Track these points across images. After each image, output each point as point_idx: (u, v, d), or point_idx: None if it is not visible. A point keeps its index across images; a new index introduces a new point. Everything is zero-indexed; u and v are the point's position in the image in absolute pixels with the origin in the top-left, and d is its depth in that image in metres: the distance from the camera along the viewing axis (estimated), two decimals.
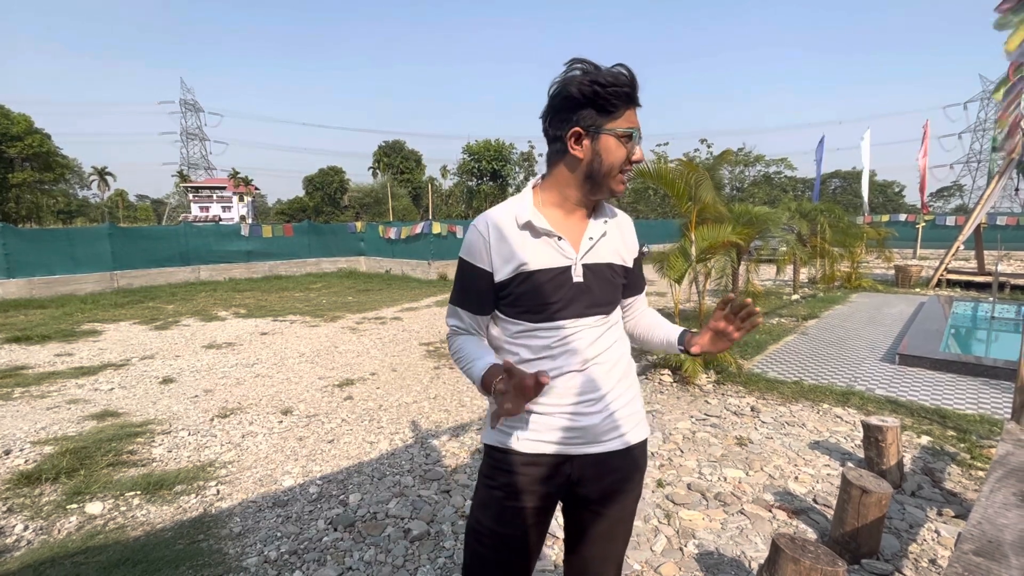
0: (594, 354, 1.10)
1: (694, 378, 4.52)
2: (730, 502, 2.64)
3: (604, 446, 1.11)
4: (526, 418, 1.09)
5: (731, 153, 5.71)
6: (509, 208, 1.11)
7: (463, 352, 1.13)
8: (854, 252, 10.54)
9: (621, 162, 1.05)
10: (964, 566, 1.36)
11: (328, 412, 4.07)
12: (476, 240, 1.09)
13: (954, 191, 53.88)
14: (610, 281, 1.14)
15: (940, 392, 4.18)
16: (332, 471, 3.06)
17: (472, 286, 1.11)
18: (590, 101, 1.00)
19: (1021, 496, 1.78)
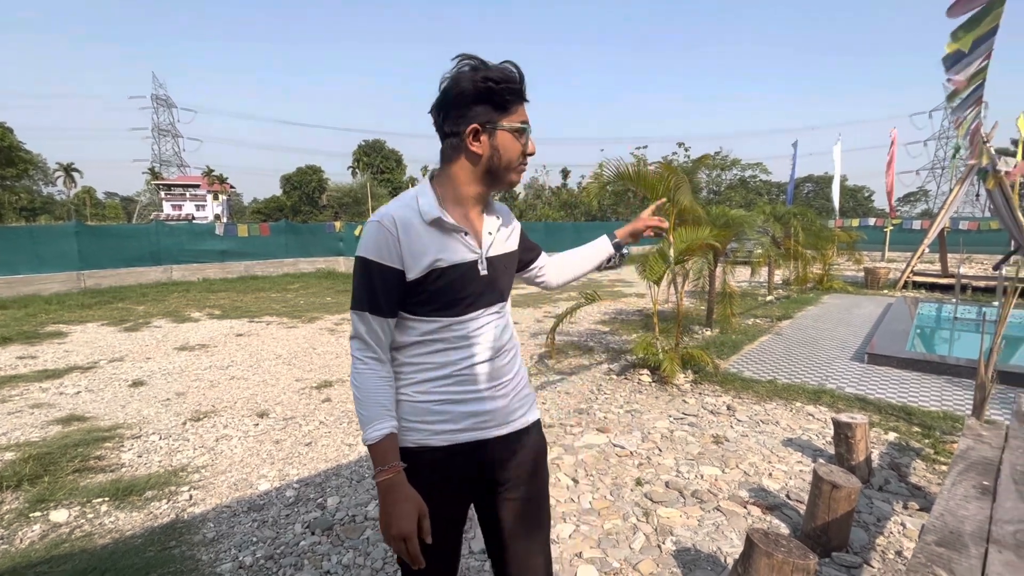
0: (503, 341, 1.16)
1: (672, 378, 4.59)
2: (707, 499, 2.68)
3: (512, 426, 1.17)
4: (443, 410, 1.10)
5: (709, 157, 5.82)
6: (411, 204, 1.08)
7: (365, 394, 1.06)
8: (826, 255, 10.85)
9: (518, 156, 1.09)
10: (927, 556, 1.42)
11: (306, 415, 4.00)
12: (383, 238, 1.04)
13: (920, 196, 55.88)
14: (508, 270, 1.21)
15: (906, 390, 4.33)
16: (310, 474, 3.02)
17: (383, 288, 1.05)
18: (485, 97, 1.03)
19: (981, 489, 1.85)
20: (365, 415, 1.06)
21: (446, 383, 1.10)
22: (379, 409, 1.06)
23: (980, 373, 3.21)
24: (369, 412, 1.05)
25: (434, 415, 1.10)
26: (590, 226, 23.29)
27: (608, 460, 3.16)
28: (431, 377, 1.10)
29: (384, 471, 1.03)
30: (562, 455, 3.22)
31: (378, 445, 1.04)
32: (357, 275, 1.08)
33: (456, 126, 1.06)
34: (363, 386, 1.07)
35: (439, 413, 1.10)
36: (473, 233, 1.12)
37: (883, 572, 2.11)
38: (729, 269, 7.52)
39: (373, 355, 1.09)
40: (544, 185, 36.41)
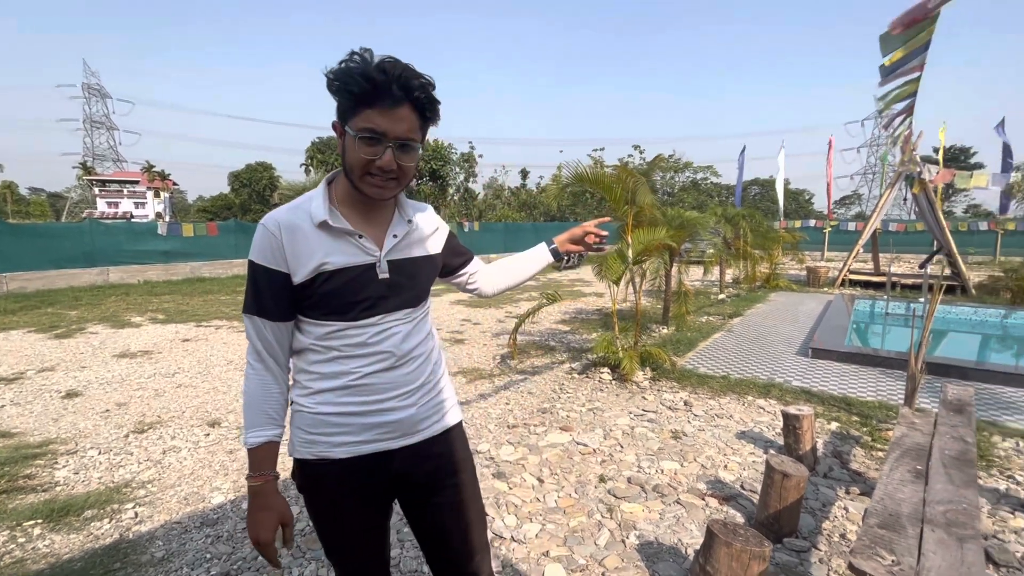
0: (408, 348, 1.11)
1: (632, 375, 4.71)
2: (667, 493, 2.77)
3: (421, 435, 1.14)
4: (342, 422, 1.07)
5: (663, 159, 6.00)
6: (301, 206, 1.06)
7: (249, 399, 1.07)
8: (772, 254, 11.42)
9: (361, 164, 1.00)
10: (871, 538, 1.52)
11: None
12: (267, 241, 1.02)
13: (854, 199, 59.71)
14: (419, 276, 1.15)
15: (846, 382, 4.62)
16: None
17: (268, 291, 1.04)
18: (336, 97, 0.99)
19: (915, 473, 2.01)
20: (247, 419, 1.06)
21: (343, 394, 1.06)
22: (261, 416, 1.06)
23: (911, 365, 3.46)
24: (251, 418, 1.06)
25: (333, 427, 1.07)
26: (550, 226, 23.52)
27: (572, 458, 3.20)
28: (327, 387, 1.07)
29: (254, 477, 1.05)
30: (527, 455, 3.24)
31: (254, 451, 1.06)
32: (248, 279, 1.07)
33: (335, 125, 1.04)
34: (248, 391, 1.07)
35: (338, 425, 1.07)
36: (372, 235, 1.08)
37: (829, 555, 2.24)
38: (683, 269, 7.79)
39: (261, 361, 1.08)
40: (503, 185, 36.51)
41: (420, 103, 0.99)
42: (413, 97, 0.97)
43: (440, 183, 31.12)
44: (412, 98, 0.97)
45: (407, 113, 0.98)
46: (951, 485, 1.87)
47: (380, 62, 0.95)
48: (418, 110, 0.99)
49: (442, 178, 30.82)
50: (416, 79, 0.97)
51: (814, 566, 2.17)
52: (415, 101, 0.98)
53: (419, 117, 1.00)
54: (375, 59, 0.96)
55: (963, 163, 40.01)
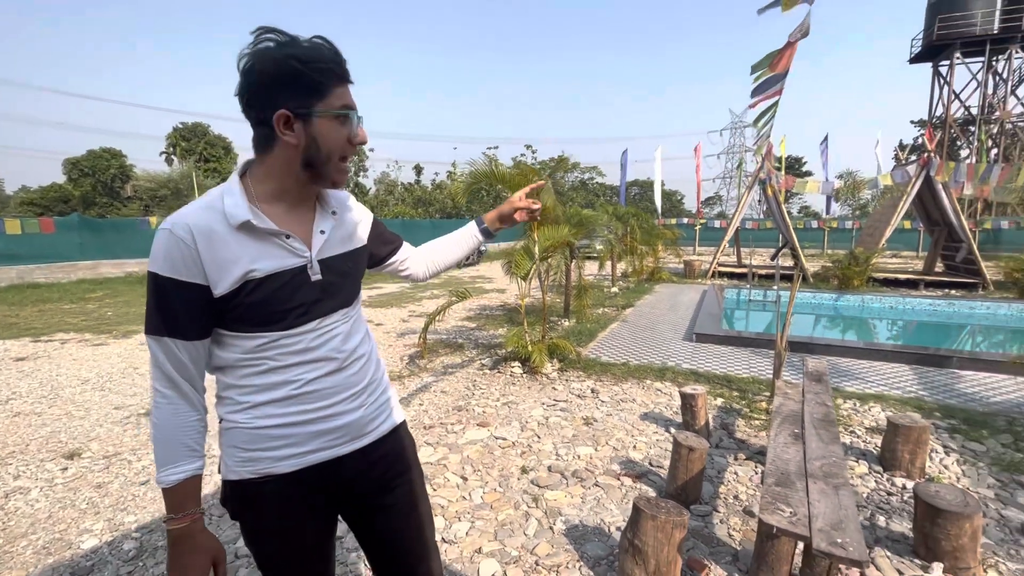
0: (350, 349, 1.06)
1: (541, 368, 4.87)
2: (586, 477, 2.92)
3: (369, 437, 1.09)
4: (286, 434, 0.98)
5: (566, 160, 6.26)
6: (214, 206, 0.92)
7: (162, 432, 0.93)
8: (656, 250, 12.49)
9: (341, 146, 0.96)
10: (771, 496, 1.75)
11: (136, 448, 3.35)
12: (177, 250, 0.88)
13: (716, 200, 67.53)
14: (352, 272, 1.09)
15: (725, 362, 5.23)
16: (154, 518, 2.54)
17: (182, 307, 0.90)
18: (292, 79, 0.89)
19: (793, 436, 2.33)
20: (162, 456, 0.93)
21: (285, 404, 0.98)
22: (179, 449, 0.94)
23: (777, 344, 4.02)
24: (165, 453, 0.93)
25: (276, 440, 0.98)
26: (447, 223, 23.36)
27: (492, 453, 3.24)
28: (267, 400, 0.97)
29: (177, 519, 0.93)
30: (447, 455, 3.20)
31: (174, 490, 0.93)
32: (151, 294, 0.91)
33: (263, 112, 0.91)
34: (160, 423, 0.93)
35: (281, 438, 0.98)
36: (300, 234, 0.99)
37: (727, 515, 2.53)
38: (580, 264, 8.23)
39: (173, 387, 0.94)
40: (396, 181, 35.46)
41: (350, 81, 0.98)
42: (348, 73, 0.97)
43: None
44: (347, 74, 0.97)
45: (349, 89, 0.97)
46: (821, 443, 2.22)
47: (320, 37, 0.93)
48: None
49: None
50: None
51: (716, 527, 2.43)
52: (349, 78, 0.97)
53: None
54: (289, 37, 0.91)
55: (798, 171, 47.09)
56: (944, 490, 2.15)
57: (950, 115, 25.61)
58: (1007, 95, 24.78)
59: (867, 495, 2.70)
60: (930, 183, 10.67)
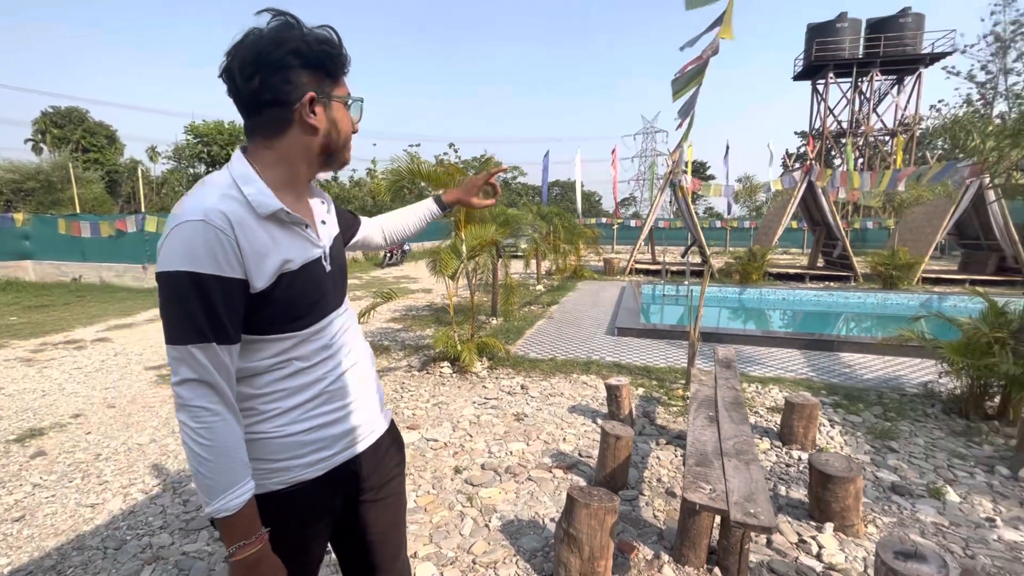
0: (360, 341, 1.08)
1: (471, 367, 4.86)
2: (519, 472, 2.96)
3: (378, 431, 1.09)
4: (317, 437, 0.96)
5: (493, 160, 6.28)
6: (231, 195, 0.86)
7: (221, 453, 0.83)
8: (578, 248, 12.93)
9: (349, 133, 0.99)
10: (693, 475, 1.88)
11: (4, 480, 2.91)
12: (218, 242, 0.80)
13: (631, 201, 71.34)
14: (343, 258, 1.10)
15: (645, 353, 5.54)
16: (32, 558, 2.21)
17: (226, 307, 0.82)
18: (317, 63, 0.89)
19: (709, 419, 2.52)
20: (221, 481, 0.83)
21: (317, 404, 0.96)
22: (240, 467, 0.85)
23: (691, 335, 4.33)
24: (228, 476, 0.83)
25: (307, 446, 0.95)
26: None
27: (425, 455, 3.18)
28: (299, 403, 0.94)
29: (251, 544, 0.86)
30: None
31: (241, 514, 0.85)
32: (183, 297, 0.80)
33: (283, 94, 0.87)
34: (217, 444, 0.82)
35: (312, 443, 0.95)
36: (311, 223, 0.97)
37: (652, 498, 2.68)
38: (506, 263, 8.32)
39: (221, 400, 0.85)
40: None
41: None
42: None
43: None
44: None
45: None
46: (733, 424, 2.42)
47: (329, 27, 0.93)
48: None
49: None
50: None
51: (643, 509, 2.57)
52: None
53: None
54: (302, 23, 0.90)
55: (703, 175, 50.95)
56: (832, 458, 2.43)
57: (826, 128, 28.98)
58: (870, 112, 28.48)
59: (770, 468, 2.99)
60: (812, 188, 12.00)
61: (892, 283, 10.72)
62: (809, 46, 28.65)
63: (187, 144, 26.27)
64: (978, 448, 3.23)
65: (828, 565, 2.10)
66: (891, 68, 27.89)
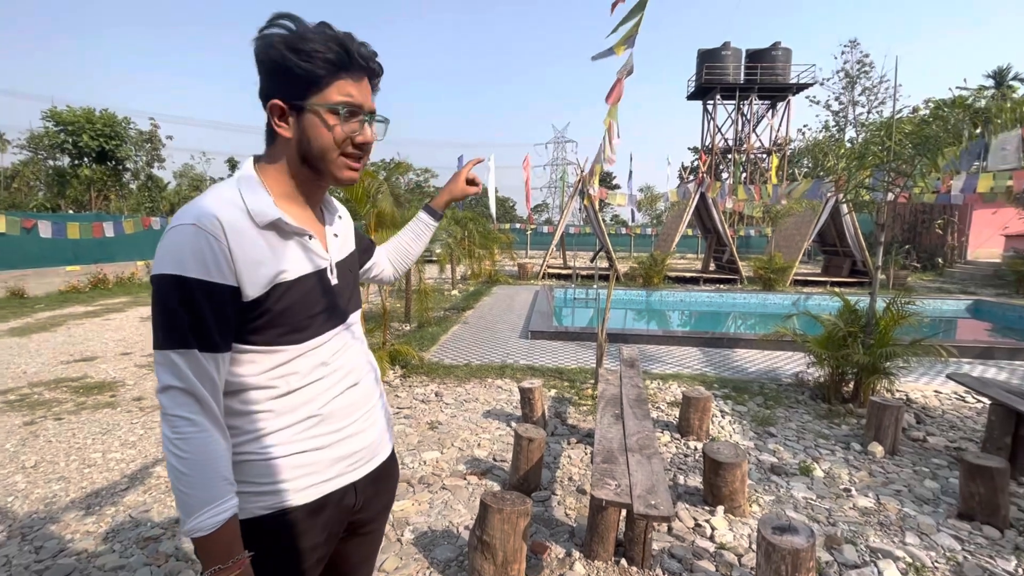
0: (362, 362, 1.01)
1: (383, 375, 4.70)
2: (432, 482, 2.90)
3: (380, 458, 1.03)
4: (304, 462, 0.89)
5: (405, 164, 6.15)
6: (233, 201, 0.84)
7: (198, 466, 0.77)
8: (493, 253, 13.05)
9: (337, 143, 0.87)
10: (600, 473, 1.96)
11: None
12: (208, 247, 0.78)
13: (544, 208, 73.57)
14: (355, 274, 1.07)
15: (557, 355, 5.70)
16: None
17: (214, 313, 0.79)
18: (287, 67, 0.83)
19: (615, 416, 2.64)
20: (198, 496, 0.77)
21: (309, 426, 0.89)
22: (219, 483, 0.78)
23: (599, 336, 4.53)
24: (204, 492, 0.77)
25: (296, 470, 0.87)
26: None
27: None
28: (285, 425, 0.87)
29: (227, 569, 0.78)
30: None
31: (218, 534, 0.77)
32: (167, 301, 0.77)
33: (263, 102, 0.87)
34: (194, 456, 0.77)
35: (303, 467, 0.88)
36: (317, 234, 0.94)
37: (563, 497, 2.76)
38: (420, 267, 8.18)
39: (203, 411, 0.79)
40: (203, 175, 30.78)
41: (376, 75, 0.92)
42: (371, 68, 0.90)
43: (114, 165, 24.00)
44: (370, 69, 0.90)
45: (367, 86, 0.90)
46: (636, 420, 2.56)
47: (341, 31, 0.86)
48: (372, 84, 0.92)
49: (117, 160, 23.85)
50: (371, 49, 0.89)
51: (555, 509, 2.63)
52: (372, 73, 0.90)
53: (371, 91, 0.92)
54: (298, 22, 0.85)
55: (609, 184, 53.83)
56: (722, 446, 2.66)
57: (715, 144, 31.99)
58: (750, 132, 31.89)
59: (671, 459, 3.21)
60: (704, 198, 13.16)
61: (770, 285, 12.04)
62: (700, 69, 31.49)
63: (46, 132, 22.76)
64: (838, 428, 3.71)
65: (720, 545, 2.29)
66: (766, 94, 31.48)
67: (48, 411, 3.96)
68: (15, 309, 8.30)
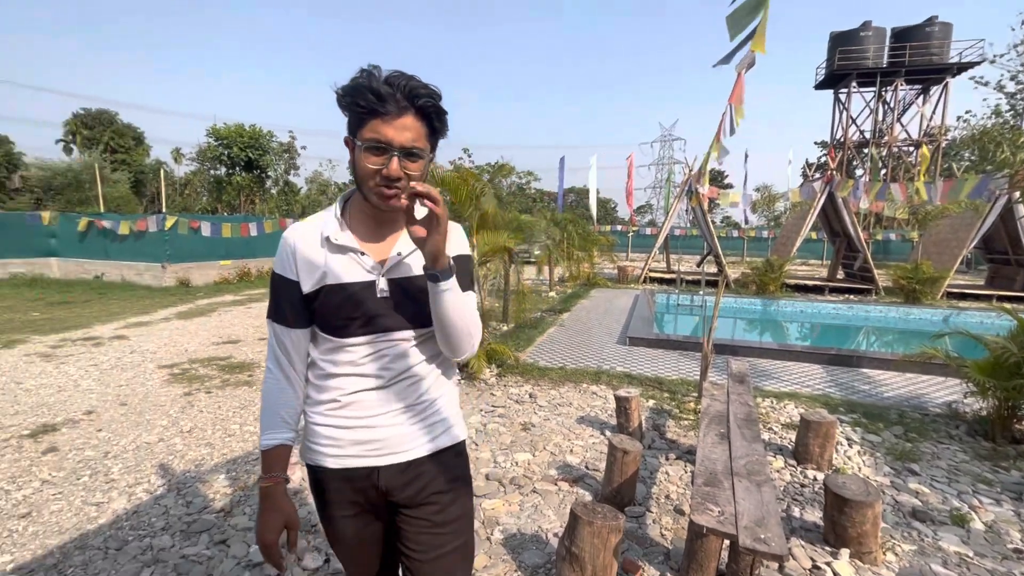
0: (401, 368, 1.08)
1: (479, 373, 4.83)
2: (523, 484, 2.90)
3: (409, 454, 1.11)
4: (332, 436, 1.10)
5: (509, 166, 6.28)
6: (317, 219, 1.11)
7: (265, 401, 1.13)
8: (592, 255, 12.85)
9: (370, 174, 0.99)
10: (701, 496, 1.81)
11: (15, 475, 2.94)
12: (283, 250, 1.09)
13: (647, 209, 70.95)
14: (421, 295, 1.07)
15: (656, 364, 5.44)
16: (34, 556, 2.22)
17: (282, 297, 1.09)
18: (345, 112, 1.02)
19: (720, 436, 2.44)
20: (263, 422, 1.12)
21: (334, 407, 1.10)
22: (275, 420, 1.11)
23: (704, 347, 4.23)
24: (266, 420, 1.11)
25: (324, 439, 1.11)
26: None
27: None
28: (322, 400, 1.11)
29: (265, 479, 1.10)
30: None
31: (266, 453, 1.10)
32: (270, 286, 1.13)
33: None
34: (264, 393, 1.13)
35: (328, 438, 1.10)
36: (376, 252, 1.08)
37: (659, 515, 2.61)
38: (519, 269, 8.28)
39: (279, 366, 1.12)
40: (329, 181, 34.13)
41: (426, 112, 1.00)
42: (419, 106, 0.99)
43: (258, 174, 27.66)
44: (417, 107, 0.99)
45: (412, 122, 0.99)
46: (745, 442, 2.34)
47: (387, 75, 0.98)
48: (425, 119, 1.01)
49: (260, 168, 27.45)
50: (422, 89, 0.99)
51: (649, 527, 2.49)
52: (421, 110, 1.00)
53: (426, 126, 1.01)
54: (383, 74, 0.99)
55: (721, 183, 50.40)
56: (849, 480, 2.33)
57: (848, 138, 28.46)
58: (893, 122, 27.90)
59: (784, 488, 2.89)
60: (832, 198, 11.76)
61: (915, 297, 10.43)
62: (832, 55, 28.20)
63: (208, 147, 26.86)
64: (1005, 473, 3.09)
65: None
66: (917, 77, 27.30)
67: (201, 385, 4.63)
68: (182, 296, 9.85)
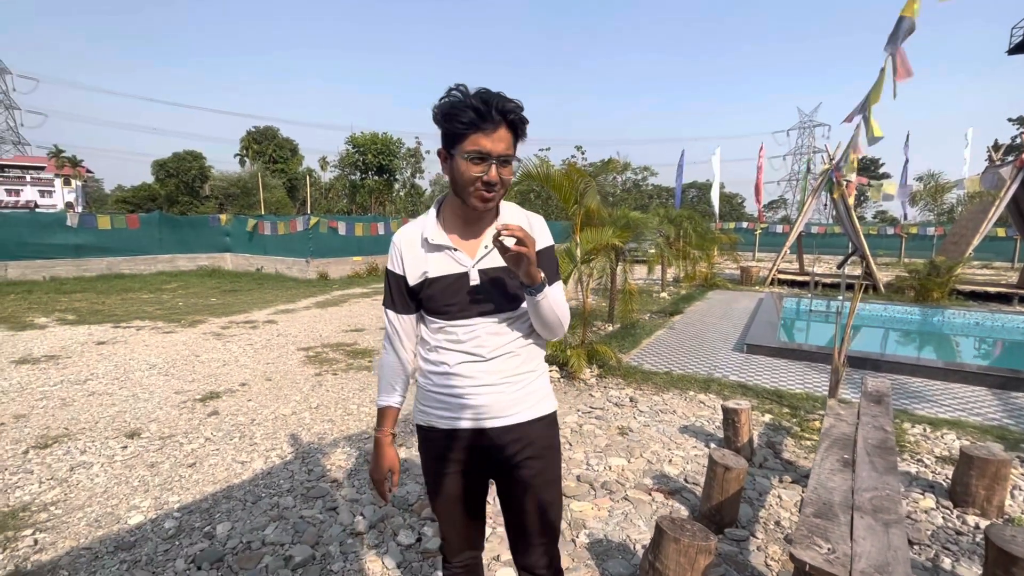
0: (497, 345, 1.26)
1: (579, 373, 4.76)
2: (615, 489, 2.81)
3: (513, 419, 1.28)
4: (443, 400, 1.28)
5: (616, 162, 6.12)
6: (418, 222, 1.31)
7: (380, 374, 1.40)
8: (710, 254, 11.97)
9: (472, 181, 1.15)
10: (808, 528, 1.59)
11: (188, 431, 3.56)
12: (393, 250, 1.32)
13: (780, 204, 64.01)
14: (508, 283, 1.26)
15: (777, 375, 4.90)
16: (194, 500, 2.68)
17: (393, 289, 1.31)
18: (441, 128, 1.17)
19: (843, 462, 2.13)
20: (379, 386, 1.40)
21: (440, 378, 1.28)
22: (387, 386, 1.38)
23: (835, 359, 3.70)
24: (382, 386, 1.39)
25: (436, 402, 1.30)
26: None
27: None
28: (431, 371, 1.30)
29: (376, 431, 1.38)
30: None
31: (379, 411, 1.38)
32: (385, 279, 1.35)
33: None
34: (380, 366, 1.40)
35: (440, 401, 1.29)
36: (467, 247, 1.26)
37: (766, 542, 2.35)
38: (628, 267, 8.00)
39: (392, 344, 1.36)
40: None
41: (514, 124, 1.16)
42: (509, 120, 1.14)
43: (387, 177, 30.34)
44: (508, 120, 1.14)
45: (504, 134, 1.15)
46: (875, 472, 2.00)
47: (479, 93, 1.13)
48: (512, 130, 1.16)
49: (389, 172, 30.08)
50: (511, 104, 1.13)
51: (752, 554, 2.26)
52: (510, 123, 1.15)
53: (513, 136, 1.17)
54: (472, 91, 1.13)
55: (873, 173, 43.79)
56: (1021, 535, 1.88)
57: None
58: None
59: (932, 533, 2.43)
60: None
61: None
62: None
63: (347, 154, 30.08)
64: None
65: None
66: None
67: (330, 367, 5.20)
68: (321, 287, 11.15)
